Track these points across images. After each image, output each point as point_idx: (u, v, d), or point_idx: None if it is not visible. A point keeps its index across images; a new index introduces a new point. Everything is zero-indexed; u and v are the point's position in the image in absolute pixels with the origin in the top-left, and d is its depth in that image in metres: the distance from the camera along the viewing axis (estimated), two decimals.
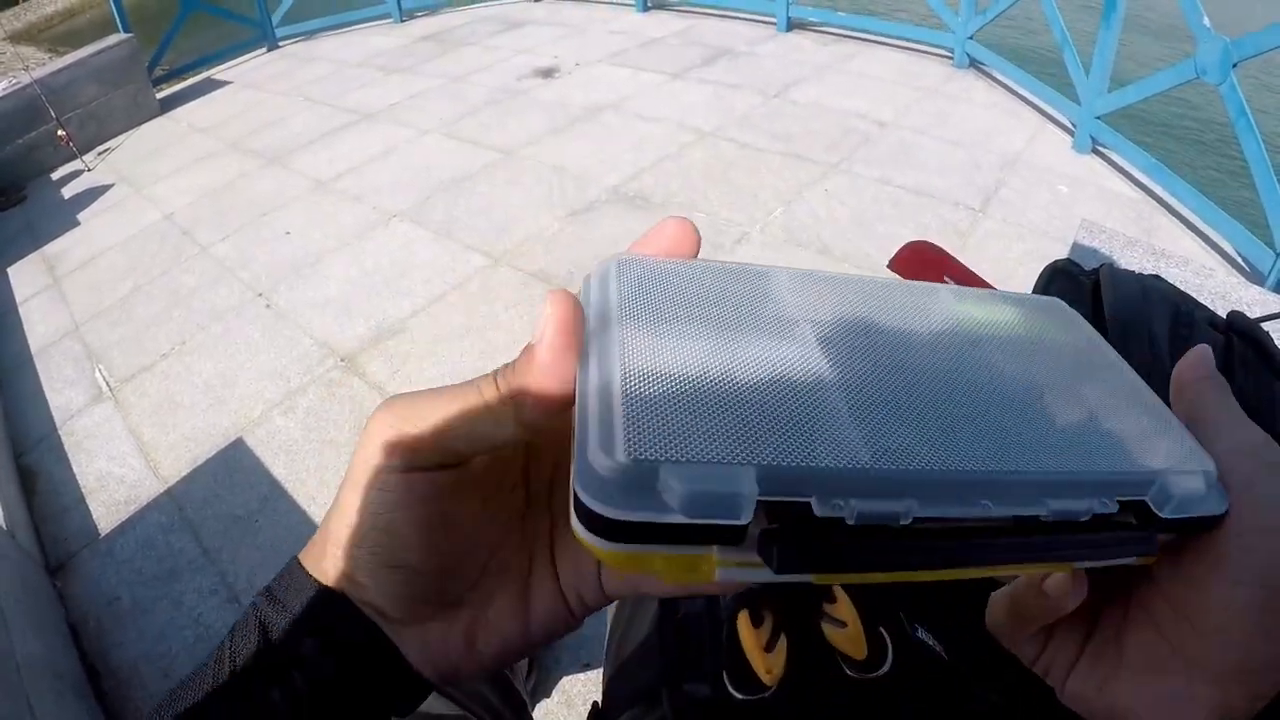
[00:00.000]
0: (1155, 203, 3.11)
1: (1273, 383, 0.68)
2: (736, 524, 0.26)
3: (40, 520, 2.34)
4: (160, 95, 5.43)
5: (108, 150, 4.89)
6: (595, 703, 0.79)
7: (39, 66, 5.13)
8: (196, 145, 4.72)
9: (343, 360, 2.73)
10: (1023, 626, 0.35)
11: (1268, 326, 0.75)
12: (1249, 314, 0.75)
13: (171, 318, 3.12)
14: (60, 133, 4.48)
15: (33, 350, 3.12)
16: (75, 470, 2.49)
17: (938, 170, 3.40)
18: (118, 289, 3.38)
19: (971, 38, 4.29)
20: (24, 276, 3.70)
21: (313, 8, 6.43)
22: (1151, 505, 0.30)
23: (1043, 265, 0.91)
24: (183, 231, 3.75)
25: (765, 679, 0.60)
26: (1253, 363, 0.69)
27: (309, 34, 6.41)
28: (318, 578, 0.34)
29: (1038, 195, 3.19)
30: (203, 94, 5.54)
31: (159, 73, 5.58)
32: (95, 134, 4.92)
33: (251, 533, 2.15)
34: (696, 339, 0.32)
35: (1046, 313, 0.42)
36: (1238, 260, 2.81)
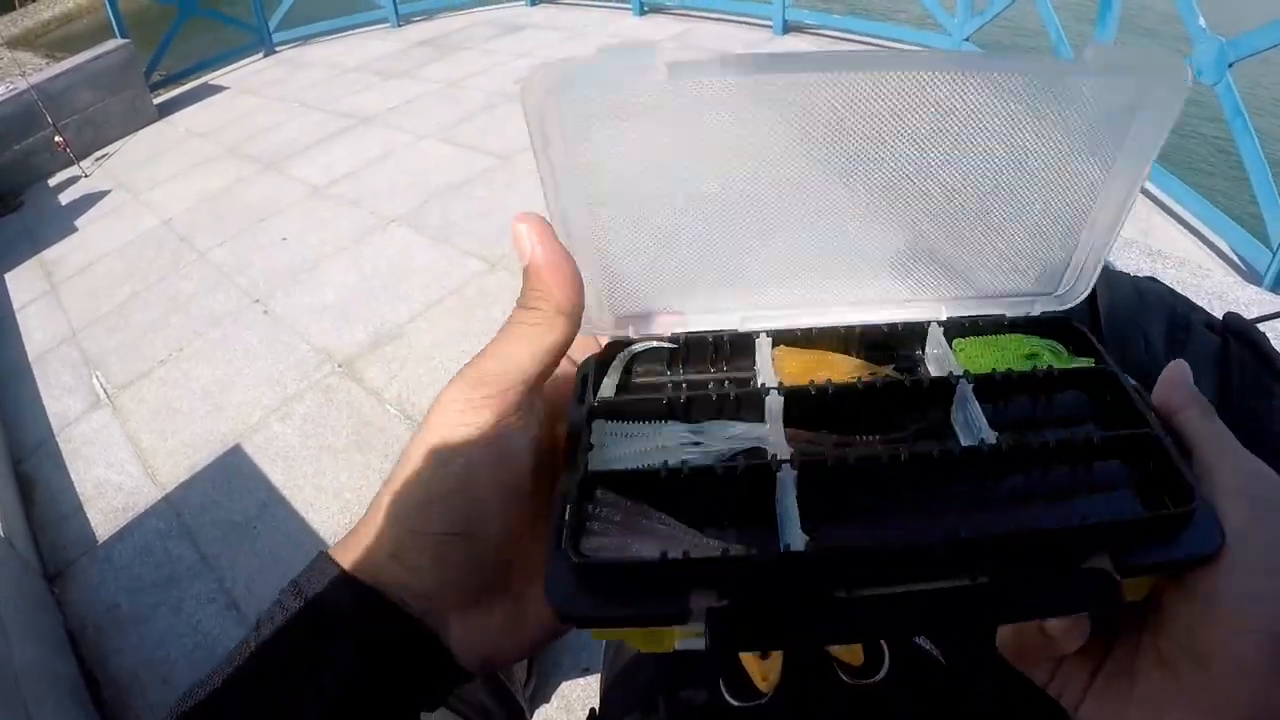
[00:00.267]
0: (1151, 202, 3.11)
1: (1270, 385, 0.68)
2: (676, 613, 0.29)
3: (38, 528, 2.33)
4: (157, 100, 5.43)
5: (105, 156, 4.89)
6: (593, 709, 0.78)
7: (36, 72, 5.14)
8: (194, 151, 4.72)
9: (340, 366, 2.73)
10: (1028, 661, 0.35)
11: (1264, 327, 0.75)
12: (1246, 314, 0.75)
13: (169, 324, 3.11)
14: (57, 138, 4.48)
15: (30, 357, 3.12)
16: (73, 477, 2.48)
17: None
18: (115, 295, 3.38)
19: (968, 39, 4.29)
20: (21, 283, 3.70)
21: (309, 12, 6.43)
22: (1111, 562, 0.29)
23: None
24: (180, 237, 3.75)
25: (761, 686, 0.60)
26: (1250, 365, 0.69)
27: (306, 39, 6.41)
28: (352, 572, 0.33)
29: None
30: (200, 99, 5.54)
31: (156, 78, 5.58)
32: (92, 139, 4.93)
33: (250, 539, 2.14)
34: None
35: None
36: (1234, 260, 2.80)
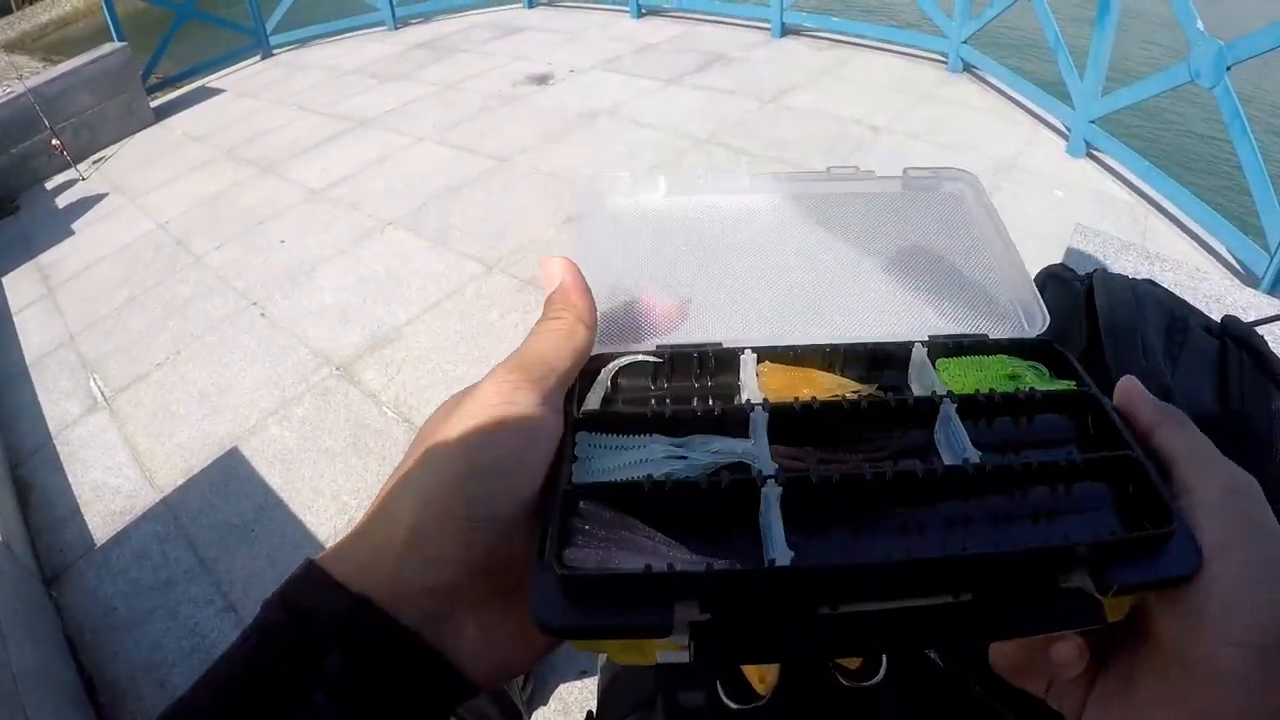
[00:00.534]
0: (1150, 206, 3.11)
1: (1268, 387, 0.68)
2: (659, 625, 0.29)
3: (36, 531, 2.33)
4: (154, 104, 5.43)
5: (102, 159, 4.89)
6: (590, 712, 0.78)
7: (33, 75, 5.14)
8: (191, 154, 4.72)
9: (338, 369, 2.72)
10: (1027, 679, 0.36)
11: (1262, 330, 0.75)
12: (1243, 317, 0.76)
13: (166, 327, 3.11)
14: (54, 142, 4.48)
15: (28, 361, 3.11)
16: (71, 481, 2.48)
17: None
18: (112, 299, 3.38)
19: (966, 42, 4.30)
20: (18, 286, 3.69)
21: (307, 15, 6.43)
22: (1092, 582, 0.30)
23: (1036, 270, 0.92)
24: (177, 241, 3.74)
25: (759, 688, 0.60)
26: (1248, 368, 0.69)
27: (303, 42, 6.42)
28: (342, 580, 0.32)
29: (1032, 199, 3.20)
30: (197, 102, 5.54)
31: (153, 81, 5.58)
32: (89, 143, 4.92)
33: (247, 542, 2.14)
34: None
35: None
36: (1232, 263, 2.81)
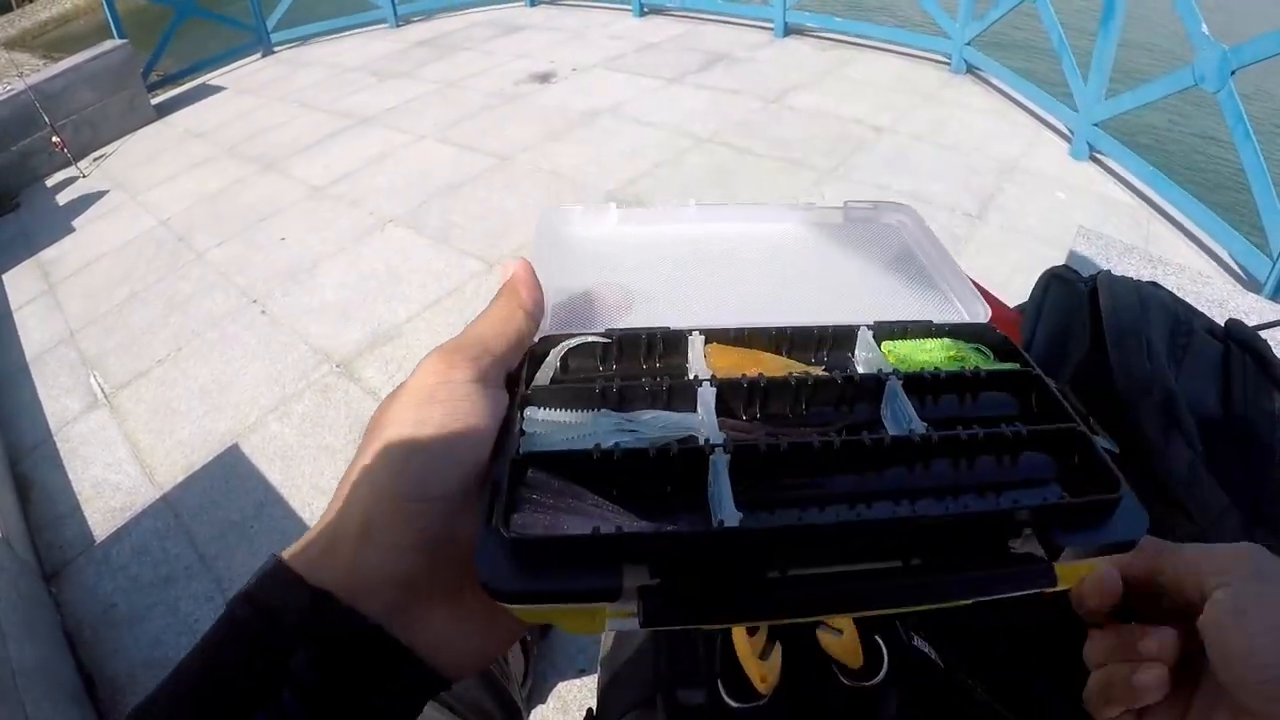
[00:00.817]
0: (1152, 210, 3.11)
1: (1271, 391, 0.68)
2: (609, 588, 0.29)
3: (36, 528, 2.33)
4: (155, 101, 5.42)
5: (103, 156, 4.88)
6: (590, 709, 0.78)
7: (33, 72, 5.13)
8: (192, 151, 4.72)
9: (338, 366, 2.72)
10: (1109, 707, 0.37)
11: (1265, 335, 0.75)
12: (1246, 322, 0.75)
13: (167, 324, 3.11)
14: (55, 139, 4.46)
15: (28, 357, 3.11)
16: (71, 477, 2.48)
17: (934, 176, 3.41)
18: (113, 295, 3.37)
19: (969, 43, 4.30)
20: (19, 283, 3.69)
21: (308, 12, 6.43)
22: (1041, 546, 0.32)
23: (1039, 272, 0.91)
24: (178, 238, 3.74)
25: (760, 687, 0.60)
26: (1251, 372, 0.69)
27: (304, 39, 6.41)
28: (305, 575, 0.32)
29: (1035, 202, 3.20)
30: (198, 99, 5.54)
31: (154, 78, 5.57)
32: (90, 140, 4.91)
33: (247, 538, 2.14)
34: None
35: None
36: (1234, 268, 2.81)
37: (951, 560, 0.31)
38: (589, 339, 0.41)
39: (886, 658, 0.61)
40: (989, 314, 0.44)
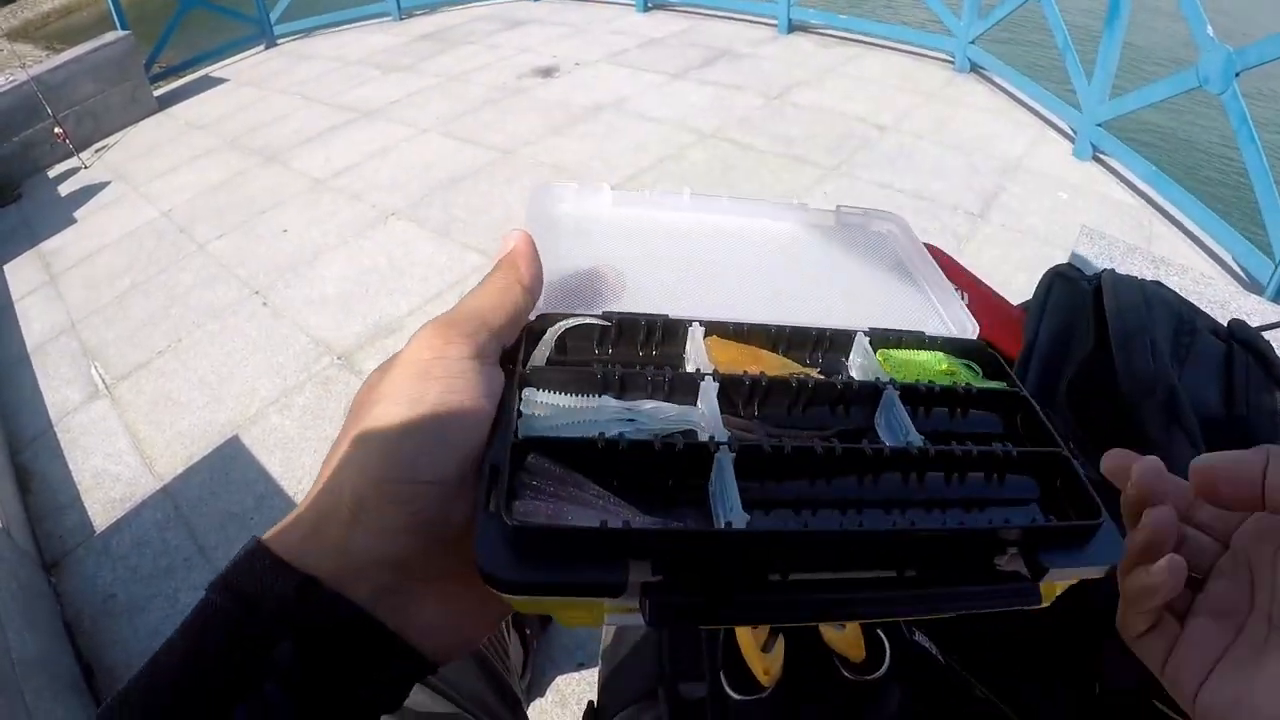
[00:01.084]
0: (1155, 210, 3.11)
1: (1273, 391, 0.68)
2: (614, 583, 0.29)
3: (36, 518, 2.33)
4: (158, 92, 5.41)
5: (104, 147, 4.88)
6: (591, 702, 0.78)
7: (36, 64, 5.11)
8: (194, 143, 4.71)
9: (339, 358, 2.72)
10: (1134, 627, 0.36)
11: (1267, 336, 0.75)
12: (1248, 323, 0.75)
13: (168, 315, 3.11)
14: (57, 130, 4.46)
15: (29, 347, 3.11)
16: (71, 467, 2.48)
17: (937, 174, 3.41)
18: (114, 286, 3.37)
19: (973, 42, 4.29)
20: (20, 274, 3.68)
21: (311, 5, 6.42)
22: (1025, 565, 0.32)
23: (1041, 272, 0.91)
24: (180, 229, 3.74)
25: (763, 679, 0.60)
26: (1254, 372, 0.69)
27: (307, 31, 6.40)
28: (288, 558, 0.30)
29: (1037, 201, 3.19)
30: (200, 91, 5.52)
31: (156, 70, 5.56)
32: (92, 131, 4.90)
33: (247, 530, 2.14)
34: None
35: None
36: (1237, 270, 2.81)
37: (945, 573, 0.32)
38: (588, 320, 0.41)
39: (889, 652, 0.61)
40: (977, 330, 0.45)
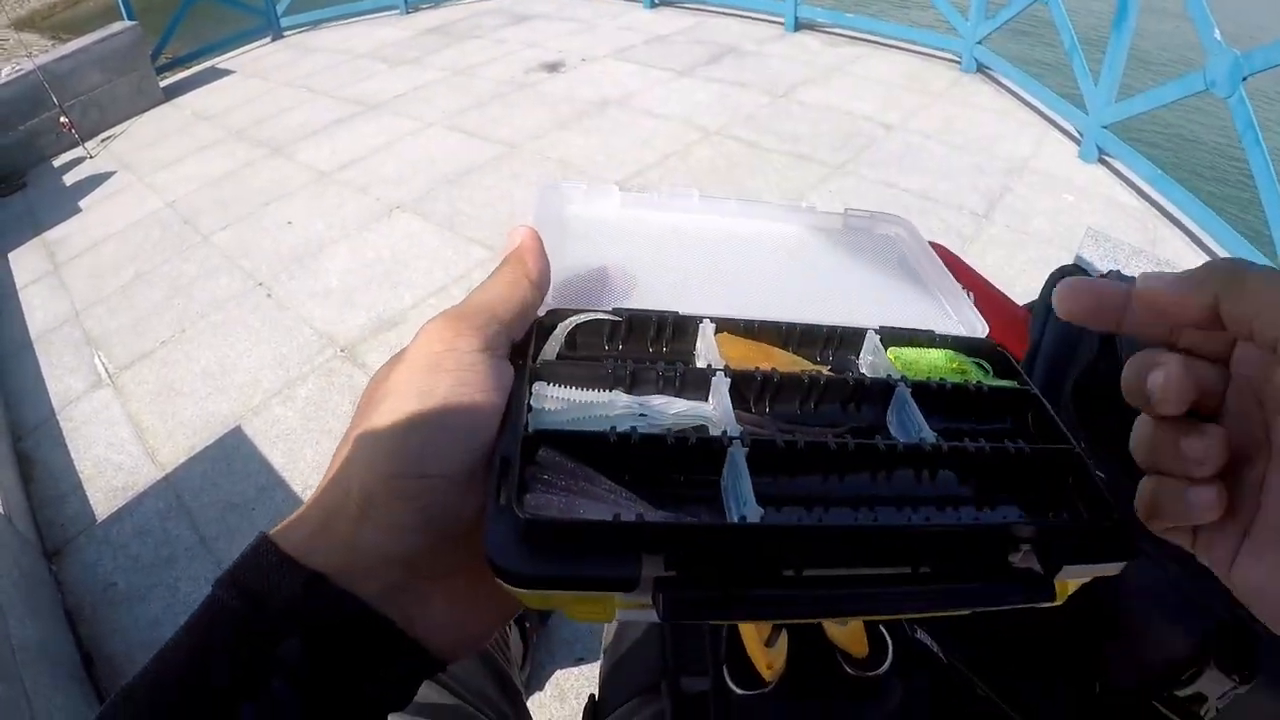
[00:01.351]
0: (1160, 214, 3.10)
1: None
2: (627, 578, 0.28)
3: (38, 506, 2.33)
4: (164, 83, 5.41)
5: (110, 138, 4.88)
6: (592, 695, 0.78)
7: (42, 53, 5.12)
8: (199, 134, 4.71)
9: (342, 350, 2.73)
10: (1157, 520, 0.31)
11: None
12: None
13: (172, 305, 3.11)
14: (62, 119, 4.46)
15: (32, 336, 3.11)
16: (73, 456, 2.48)
17: (943, 175, 3.40)
18: (118, 276, 3.38)
19: (980, 43, 4.28)
20: (24, 262, 3.69)
21: None
22: (1039, 563, 0.32)
23: (1046, 273, 0.91)
24: (184, 220, 3.74)
25: (765, 674, 0.60)
26: None
27: (314, 24, 6.40)
28: (295, 554, 0.30)
29: (1043, 203, 3.19)
30: (206, 83, 5.52)
31: (163, 61, 5.56)
32: (98, 121, 4.90)
33: (249, 521, 2.14)
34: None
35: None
36: None
37: (959, 570, 0.31)
38: (598, 316, 0.41)
39: (891, 648, 0.61)
40: (986, 330, 0.45)
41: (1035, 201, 3.19)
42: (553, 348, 0.39)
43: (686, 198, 0.51)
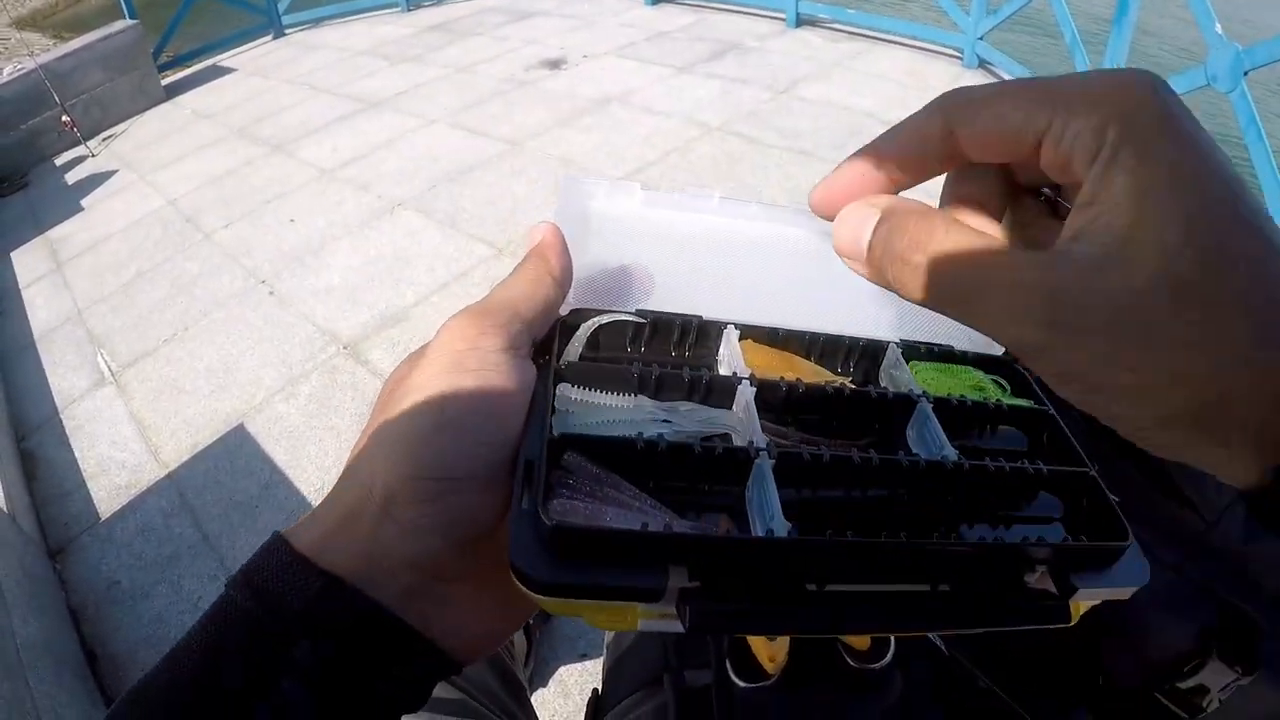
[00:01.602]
0: None
1: None
2: (653, 588, 0.28)
3: (41, 504, 2.34)
4: (165, 82, 5.41)
5: (112, 136, 4.88)
6: (595, 689, 0.79)
7: (44, 52, 5.13)
8: (201, 132, 4.71)
9: (345, 347, 2.73)
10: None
11: None
12: None
13: (174, 304, 3.11)
14: (64, 118, 4.46)
15: (35, 335, 3.12)
16: (77, 454, 2.49)
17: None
18: (121, 274, 3.38)
19: (982, 38, 4.27)
20: (27, 261, 3.70)
21: None
22: (1054, 584, 0.32)
23: None
24: (186, 218, 3.75)
25: (768, 667, 0.60)
26: None
27: (315, 22, 6.40)
28: (310, 555, 0.30)
29: None
30: (208, 81, 5.53)
31: (164, 59, 5.57)
32: (99, 120, 4.91)
33: (251, 518, 2.14)
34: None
35: None
36: None
37: (976, 589, 0.32)
38: (623, 318, 0.41)
39: (893, 642, 0.62)
40: (1004, 348, 0.45)
41: None
42: (575, 348, 0.39)
43: (708, 199, 0.51)
